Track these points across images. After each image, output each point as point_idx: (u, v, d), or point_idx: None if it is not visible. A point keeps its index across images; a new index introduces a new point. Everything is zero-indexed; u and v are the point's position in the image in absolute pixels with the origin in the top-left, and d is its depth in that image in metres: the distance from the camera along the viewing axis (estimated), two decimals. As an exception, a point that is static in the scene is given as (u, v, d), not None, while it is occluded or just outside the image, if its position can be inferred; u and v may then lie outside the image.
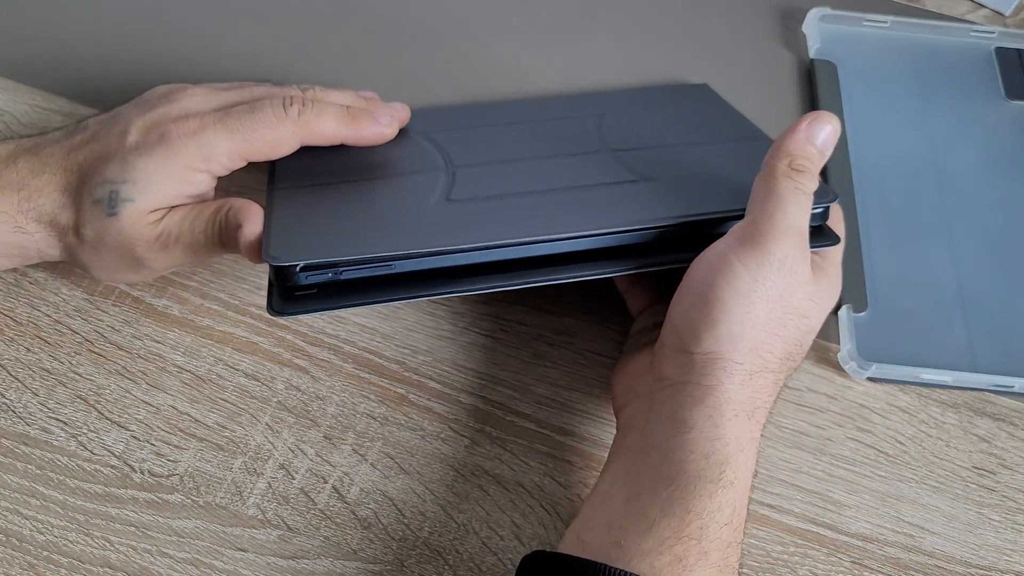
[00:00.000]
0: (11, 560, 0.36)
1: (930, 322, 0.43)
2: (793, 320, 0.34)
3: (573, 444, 0.40)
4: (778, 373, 0.34)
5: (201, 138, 0.37)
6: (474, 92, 0.50)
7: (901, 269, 0.45)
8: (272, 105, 0.38)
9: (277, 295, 0.35)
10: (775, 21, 0.54)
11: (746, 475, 0.32)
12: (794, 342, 0.34)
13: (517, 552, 0.37)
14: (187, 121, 0.37)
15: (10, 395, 0.40)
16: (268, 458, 0.39)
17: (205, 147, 0.37)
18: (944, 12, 0.56)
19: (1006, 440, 0.41)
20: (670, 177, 0.39)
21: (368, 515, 0.38)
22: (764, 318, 0.33)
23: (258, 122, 0.37)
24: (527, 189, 0.38)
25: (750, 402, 0.33)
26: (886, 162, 0.48)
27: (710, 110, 0.47)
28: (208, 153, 0.37)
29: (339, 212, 0.38)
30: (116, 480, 0.38)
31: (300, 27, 0.52)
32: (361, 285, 0.35)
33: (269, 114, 0.38)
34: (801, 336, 0.34)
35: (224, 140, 0.37)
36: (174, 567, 0.36)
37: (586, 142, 0.42)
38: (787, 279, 0.33)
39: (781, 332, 0.34)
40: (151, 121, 0.37)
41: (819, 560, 0.38)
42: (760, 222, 0.33)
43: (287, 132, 0.38)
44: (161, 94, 0.39)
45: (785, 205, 0.33)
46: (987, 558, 0.38)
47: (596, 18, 0.54)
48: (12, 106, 0.48)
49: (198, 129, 0.37)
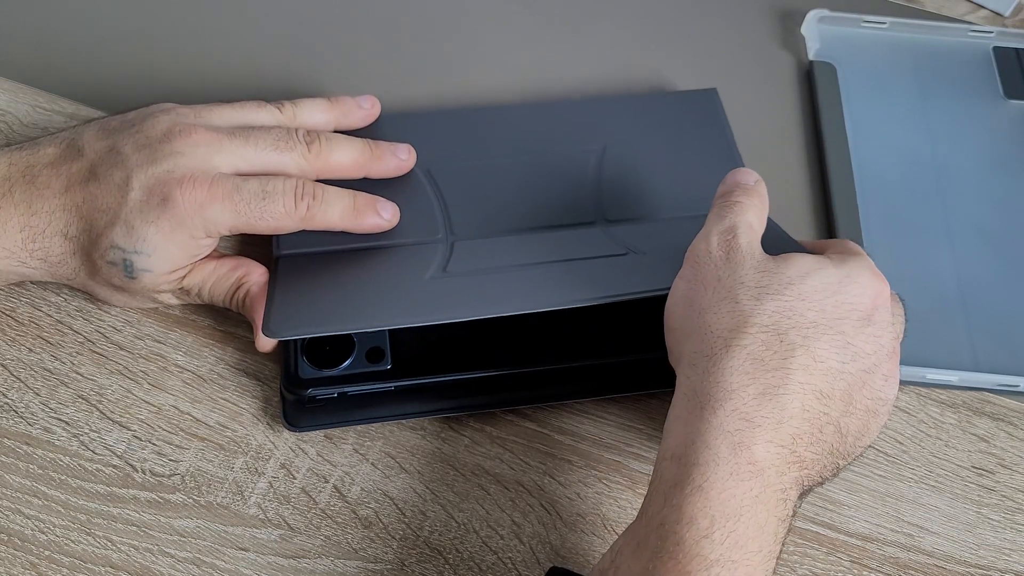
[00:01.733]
0: (13, 560, 0.36)
1: (932, 322, 0.43)
2: (745, 291, 0.32)
3: (572, 444, 0.40)
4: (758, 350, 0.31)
5: (207, 213, 0.37)
6: (474, 93, 0.50)
7: (903, 269, 0.44)
8: (284, 196, 0.38)
9: (292, 409, 0.39)
10: (774, 23, 0.54)
11: (720, 478, 0.29)
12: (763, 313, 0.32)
13: (517, 551, 0.37)
14: (194, 190, 0.36)
15: (12, 395, 0.40)
16: (269, 458, 0.39)
17: (209, 222, 0.37)
18: (943, 13, 0.56)
19: (1005, 440, 0.41)
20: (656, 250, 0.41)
21: (369, 514, 0.38)
22: (708, 303, 0.33)
23: (267, 211, 0.38)
24: (520, 263, 0.40)
25: (716, 391, 0.31)
26: (886, 163, 0.49)
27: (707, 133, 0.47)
28: (212, 227, 0.37)
29: (340, 284, 0.40)
30: (118, 480, 0.38)
31: (300, 28, 0.52)
32: (369, 401, 0.39)
33: (279, 206, 0.38)
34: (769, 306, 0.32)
35: (228, 219, 0.37)
36: (175, 566, 0.36)
37: (582, 210, 0.43)
38: (718, 265, 0.34)
39: (735, 308, 0.32)
40: (155, 179, 0.37)
41: (818, 559, 0.38)
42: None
43: (291, 224, 0.39)
44: (162, 135, 0.38)
45: (708, 222, 0.36)
46: (986, 557, 0.39)
47: (595, 21, 0.54)
48: (14, 107, 0.48)
49: (205, 203, 0.37)
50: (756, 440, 0.30)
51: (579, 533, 0.38)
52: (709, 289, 0.33)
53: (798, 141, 0.50)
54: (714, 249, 0.34)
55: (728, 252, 0.34)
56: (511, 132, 0.46)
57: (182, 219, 0.36)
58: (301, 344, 0.39)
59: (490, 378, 0.39)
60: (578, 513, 0.38)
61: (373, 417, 0.40)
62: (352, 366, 0.38)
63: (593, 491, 0.39)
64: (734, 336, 0.32)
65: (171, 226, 0.37)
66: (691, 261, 0.35)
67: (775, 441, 0.30)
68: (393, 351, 0.39)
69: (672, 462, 0.31)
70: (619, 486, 0.39)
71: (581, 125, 0.47)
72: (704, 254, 0.34)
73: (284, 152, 0.39)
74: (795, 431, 0.31)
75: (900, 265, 0.45)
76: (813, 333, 0.32)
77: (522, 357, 0.40)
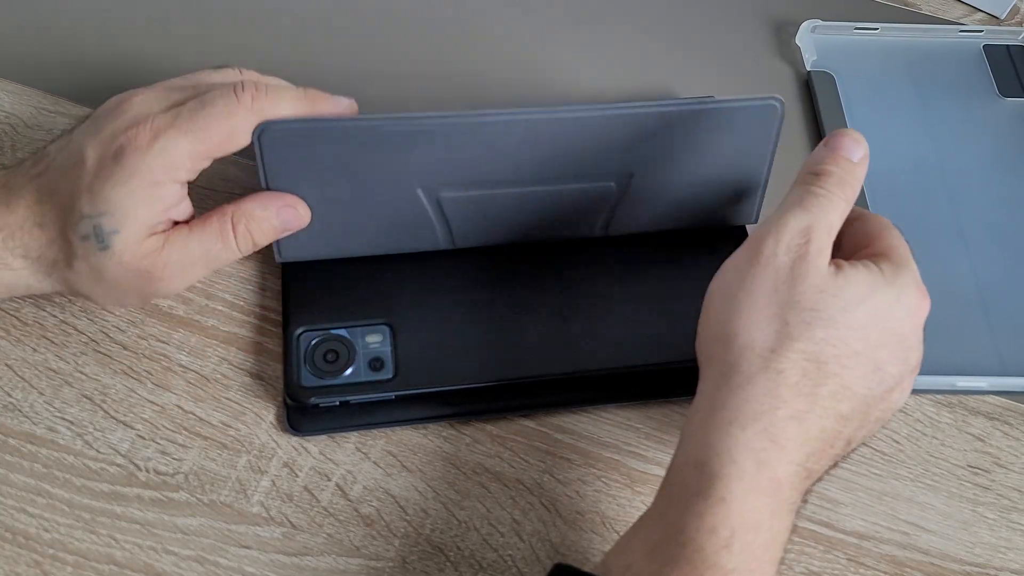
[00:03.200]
0: (17, 558, 0.36)
1: (956, 328, 0.43)
2: (797, 315, 0.31)
3: (572, 442, 0.40)
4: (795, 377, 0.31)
5: (157, 147, 0.35)
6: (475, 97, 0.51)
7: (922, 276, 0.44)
8: (223, 95, 0.36)
9: (295, 414, 0.40)
10: (768, 34, 0.55)
11: (743, 492, 0.30)
12: (809, 340, 0.31)
13: (517, 548, 0.38)
14: (139, 131, 0.35)
15: (16, 395, 0.40)
16: (272, 456, 0.39)
17: (163, 155, 0.35)
18: (939, 16, 0.56)
19: (1000, 439, 0.42)
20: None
21: (371, 512, 0.38)
22: (755, 316, 0.31)
23: (211, 117, 0.36)
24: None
25: (746, 408, 0.31)
26: (894, 170, 0.48)
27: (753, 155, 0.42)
28: (168, 161, 0.35)
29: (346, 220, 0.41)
30: (121, 478, 0.38)
31: (301, 31, 0.53)
32: (373, 407, 0.40)
33: (220, 106, 0.36)
34: (817, 334, 0.31)
35: (181, 143, 0.35)
36: (179, 564, 0.37)
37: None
38: (780, 275, 0.32)
39: (783, 329, 0.31)
40: (103, 139, 0.36)
41: (815, 557, 0.38)
42: (761, 228, 0.33)
43: (241, 121, 0.36)
44: (110, 107, 0.37)
45: (790, 208, 0.33)
46: (982, 556, 0.39)
47: (594, 32, 0.55)
48: (18, 109, 0.48)
49: (152, 138, 0.35)
50: (781, 461, 0.30)
51: (579, 531, 0.38)
52: (761, 298, 0.32)
53: (803, 152, 0.50)
54: (781, 252, 0.32)
55: (795, 261, 0.32)
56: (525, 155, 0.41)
57: (136, 163, 0.35)
58: (303, 353, 0.39)
59: (493, 388, 0.40)
60: (577, 511, 0.39)
61: (378, 422, 0.40)
62: (354, 375, 0.39)
63: (592, 489, 0.39)
64: (774, 358, 0.31)
65: (127, 175, 0.35)
66: (752, 253, 0.32)
67: (795, 461, 0.31)
68: (396, 361, 0.39)
69: (694, 471, 0.31)
70: (618, 484, 0.39)
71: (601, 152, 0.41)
72: (769, 255, 0.32)
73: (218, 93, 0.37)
74: (811, 450, 0.31)
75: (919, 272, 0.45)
76: (852, 364, 0.31)
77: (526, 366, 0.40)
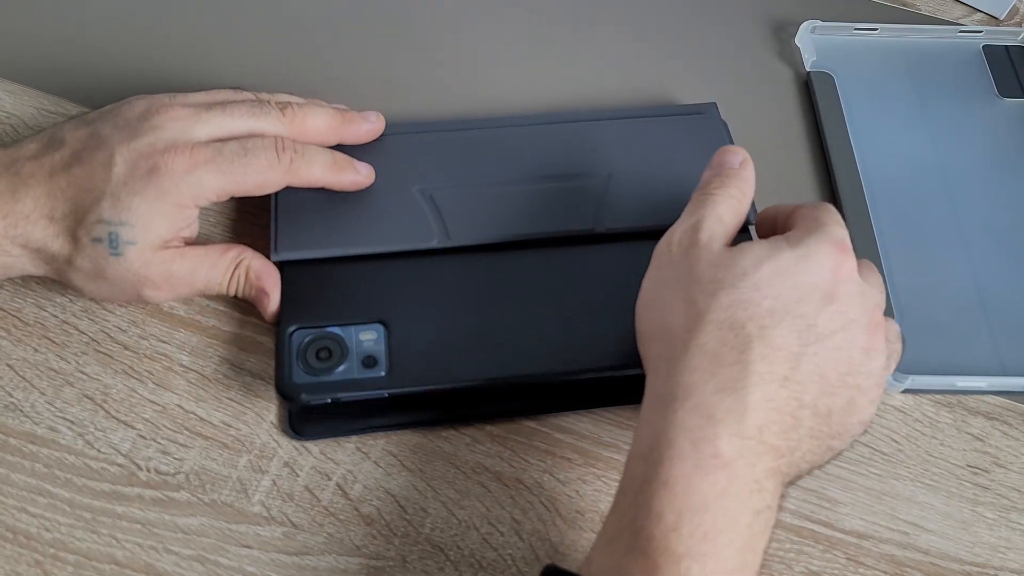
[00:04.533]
0: (18, 557, 0.36)
1: (955, 328, 0.43)
2: (700, 288, 0.32)
3: (572, 442, 0.41)
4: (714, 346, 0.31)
5: (192, 178, 0.37)
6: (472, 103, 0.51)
7: (920, 276, 0.45)
8: (265, 151, 0.39)
9: (297, 419, 0.40)
10: (768, 35, 0.55)
11: (684, 473, 0.30)
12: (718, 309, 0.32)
13: (517, 548, 0.38)
14: (177, 157, 0.37)
15: (17, 395, 0.40)
16: (273, 456, 0.39)
17: (195, 186, 0.37)
18: (938, 16, 0.57)
19: (1000, 439, 0.42)
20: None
21: (371, 512, 0.38)
22: (665, 304, 0.34)
23: (250, 167, 0.38)
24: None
25: (678, 391, 0.31)
26: (893, 171, 0.48)
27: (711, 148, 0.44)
28: (197, 192, 0.38)
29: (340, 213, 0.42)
30: (122, 478, 0.38)
31: (301, 37, 0.53)
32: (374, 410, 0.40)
33: (262, 160, 0.39)
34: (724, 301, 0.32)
35: (215, 180, 0.38)
36: (180, 564, 0.37)
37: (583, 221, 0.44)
38: (676, 264, 0.34)
39: (692, 309, 0.32)
40: (138, 152, 0.37)
41: (814, 557, 0.38)
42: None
43: (276, 178, 0.39)
44: (140, 114, 0.38)
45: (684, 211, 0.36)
46: (981, 555, 0.39)
47: (592, 34, 0.55)
48: (19, 109, 0.48)
49: (189, 168, 0.37)
50: (719, 435, 0.30)
51: (578, 530, 0.38)
52: (668, 289, 0.34)
53: (803, 153, 0.50)
54: (674, 247, 0.35)
55: (686, 249, 0.34)
56: (511, 156, 0.45)
57: (168, 187, 0.37)
58: (296, 350, 0.39)
59: (488, 387, 0.39)
60: (577, 510, 0.39)
61: (379, 426, 0.40)
62: (346, 372, 0.39)
63: (592, 488, 0.39)
64: (691, 335, 0.32)
65: (156, 194, 0.37)
66: (654, 260, 0.36)
67: (739, 434, 0.30)
68: (390, 359, 0.39)
69: (639, 461, 0.31)
70: (617, 484, 0.39)
71: (582, 148, 0.46)
72: (664, 253, 0.35)
73: (260, 118, 0.40)
74: (761, 421, 0.31)
75: (918, 273, 0.45)
76: (770, 322, 0.31)
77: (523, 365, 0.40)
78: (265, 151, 0.39)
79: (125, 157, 0.37)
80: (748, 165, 0.38)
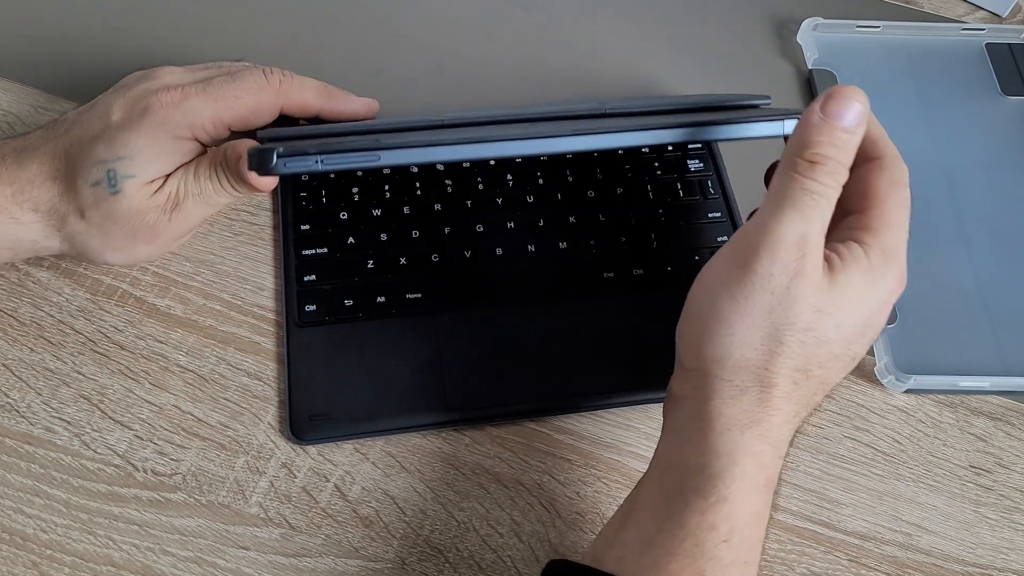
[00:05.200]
0: (15, 559, 0.36)
1: (957, 328, 0.43)
2: (793, 335, 0.31)
3: (571, 443, 0.40)
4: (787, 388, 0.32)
5: (184, 107, 0.38)
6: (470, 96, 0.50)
7: (923, 277, 0.44)
8: (254, 74, 0.40)
9: (299, 423, 0.39)
10: (770, 32, 0.54)
11: (744, 491, 0.31)
12: (801, 357, 0.32)
13: (516, 549, 0.38)
14: (169, 92, 0.38)
15: (14, 395, 0.40)
16: (270, 457, 0.39)
17: (189, 114, 0.38)
18: (941, 14, 0.56)
19: (1003, 439, 0.42)
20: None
21: (369, 513, 0.38)
22: (749, 337, 0.32)
23: (240, 89, 0.39)
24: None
25: (743, 417, 0.31)
26: None
27: None
28: (193, 120, 0.38)
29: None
30: (119, 479, 0.38)
31: (300, 32, 0.53)
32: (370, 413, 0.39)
33: (251, 81, 0.39)
34: (810, 350, 0.32)
35: (207, 107, 0.38)
36: (177, 565, 0.36)
37: None
38: (776, 296, 0.31)
39: (777, 348, 0.31)
40: (132, 97, 0.38)
41: (816, 558, 0.38)
42: (752, 234, 0.32)
43: (268, 99, 0.40)
44: (139, 75, 0.40)
45: (782, 212, 0.31)
46: (984, 556, 0.39)
47: (594, 31, 0.54)
48: (16, 107, 0.48)
49: (181, 99, 0.38)
50: (775, 459, 0.32)
51: (578, 531, 0.38)
52: (756, 319, 0.32)
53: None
54: (777, 272, 0.31)
55: (791, 279, 0.31)
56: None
57: (162, 119, 0.38)
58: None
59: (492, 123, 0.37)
60: (577, 512, 0.39)
61: (380, 430, 0.40)
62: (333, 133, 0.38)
63: (592, 490, 0.39)
64: (767, 374, 0.32)
65: (152, 127, 0.38)
66: (743, 271, 0.32)
67: (782, 456, 0.33)
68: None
69: (693, 472, 0.31)
70: (618, 485, 0.39)
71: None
72: (764, 275, 0.31)
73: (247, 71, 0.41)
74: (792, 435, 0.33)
75: (921, 272, 0.44)
76: (831, 365, 0.33)
77: None
78: (253, 74, 0.40)
79: (120, 104, 0.38)
80: (863, 123, 0.33)
